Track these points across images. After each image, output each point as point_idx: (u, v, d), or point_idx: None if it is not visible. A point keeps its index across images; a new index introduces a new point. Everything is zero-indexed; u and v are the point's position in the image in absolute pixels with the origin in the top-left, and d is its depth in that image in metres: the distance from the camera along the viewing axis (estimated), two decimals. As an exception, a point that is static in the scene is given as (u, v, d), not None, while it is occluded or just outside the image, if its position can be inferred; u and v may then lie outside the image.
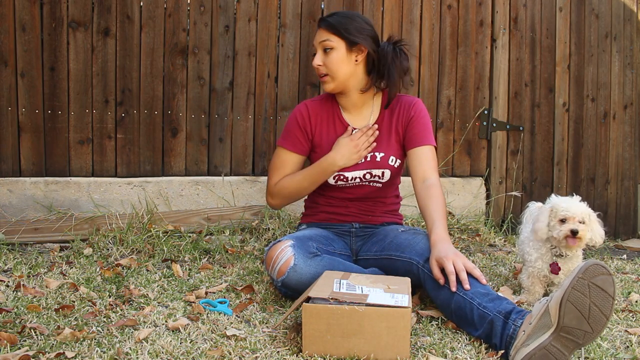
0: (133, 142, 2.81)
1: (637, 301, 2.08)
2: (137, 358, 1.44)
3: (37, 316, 1.70)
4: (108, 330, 1.61)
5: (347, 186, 2.16)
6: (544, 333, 1.44)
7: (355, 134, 2.12)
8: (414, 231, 2.06)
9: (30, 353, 1.43)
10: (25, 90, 2.66)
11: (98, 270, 2.19)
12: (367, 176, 2.13)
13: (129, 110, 2.79)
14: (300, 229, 2.25)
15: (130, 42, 2.77)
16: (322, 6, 3.02)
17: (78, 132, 2.73)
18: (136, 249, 2.46)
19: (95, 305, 1.81)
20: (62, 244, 2.54)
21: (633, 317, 1.91)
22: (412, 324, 1.72)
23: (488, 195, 3.32)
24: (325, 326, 1.50)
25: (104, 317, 1.71)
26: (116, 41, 2.75)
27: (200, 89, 2.88)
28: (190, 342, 1.56)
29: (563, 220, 1.93)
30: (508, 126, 3.33)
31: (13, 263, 2.24)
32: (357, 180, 2.14)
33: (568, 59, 3.43)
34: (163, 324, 1.68)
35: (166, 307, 1.84)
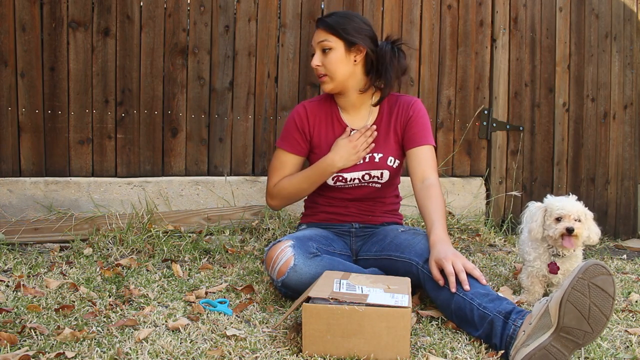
0: (133, 142, 2.81)
1: (637, 301, 2.08)
2: (137, 358, 1.44)
3: (37, 316, 1.70)
4: (108, 330, 1.61)
5: (346, 187, 2.16)
6: (544, 333, 1.44)
7: (353, 135, 2.11)
8: (414, 231, 2.06)
9: (30, 353, 1.43)
10: (25, 90, 2.66)
11: (98, 270, 2.19)
12: (366, 177, 2.13)
13: (129, 110, 2.79)
14: (300, 229, 2.25)
15: (130, 42, 2.77)
16: (322, 6, 3.02)
17: (78, 132, 2.73)
18: (136, 249, 2.46)
19: (95, 305, 1.81)
20: (62, 244, 2.54)
21: (633, 317, 1.91)
22: (412, 324, 1.72)
23: (488, 195, 3.32)
24: (325, 326, 1.50)
25: (104, 317, 1.71)
26: (116, 41, 2.75)
27: (200, 89, 2.88)
28: (190, 342, 1.56)
29: (559, 219, 1.93)
30: (508, 126, 3.33)
31: (13, 263, 2.24)
32: (356, 181, 2.14)
33: (568, 59, 3.43)
34: (163, 324, 1.68)
35: (166, 307, 1.84)
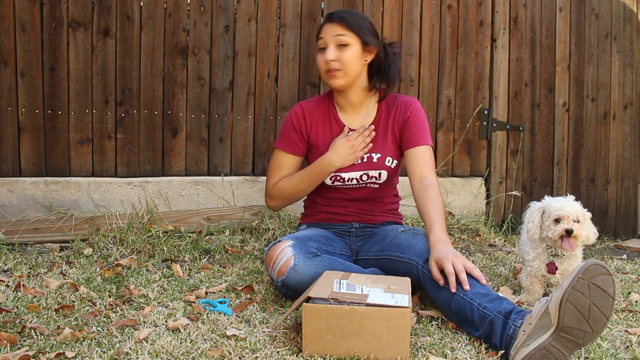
0: (133, 142, 2.80)
1: (637, 301, 2.08)
2: (137, 358, 1.44)
3: (37, 316, 1.70)
4: (108, 330, 1.61)
5: (344, 187, 2.16)
6: (544, 333, 1.44)
7: (351, 135, 2.11)
8: (413, 231, 2.06)
9: (30, 353, 1.43)
10: (25, 90, 2.66)
11: (98, 270, 2.19)
12: (364, 177, 2.13)
13: (129, 110, 2.79)
14: (300, 229, 2.25)
15: (130, 42, 2.77)
16: (322, 6, 3.02)
17: (78, 132, 2.73)
18: (136, 249, 2.46)
19: (95, 305, 1.81)
20: (62, 244, 2.54)
21: (633, 317, 1.91)
22: (412, 324, 1.72)
23: (488, 195, 3.32)
24: (325, 326, 1.50)
25: (104, 317, 1.71)
26: (116, 41, 2.75)
27: (200, 89, 2.88)
28: (190, 342, 1.56)
29: (558, 220, 1.93)
30: (508, 126, 3.33)
31: (13, 263, 2.24)
32: (354, 181, 2.14)
33: (568, 59, 3.43)
34: (163, 324, 1.68)
35: (166, 307, 1.84)
